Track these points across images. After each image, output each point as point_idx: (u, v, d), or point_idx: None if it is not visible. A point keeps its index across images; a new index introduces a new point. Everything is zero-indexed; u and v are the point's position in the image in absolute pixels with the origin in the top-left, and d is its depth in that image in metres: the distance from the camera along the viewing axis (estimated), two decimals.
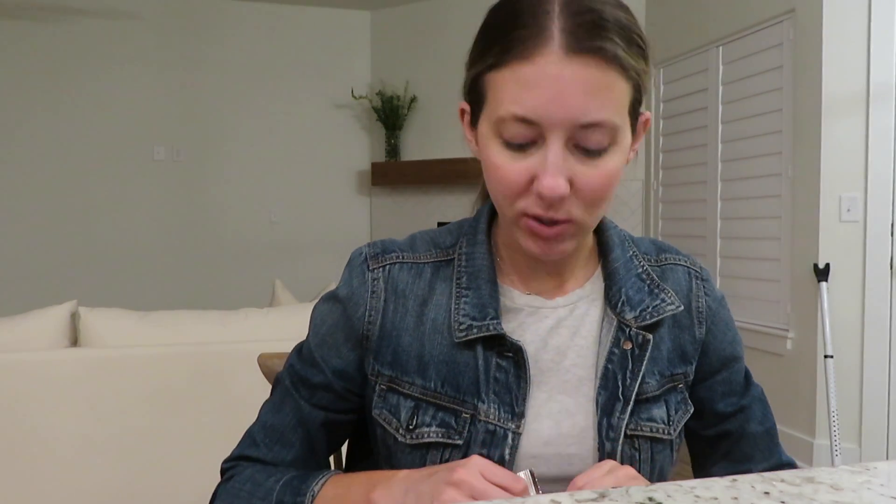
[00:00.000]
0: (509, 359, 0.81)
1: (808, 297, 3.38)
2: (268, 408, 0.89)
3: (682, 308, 0.87)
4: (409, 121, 5.87)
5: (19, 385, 2.13)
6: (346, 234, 6.11)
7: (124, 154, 5.69)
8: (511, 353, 0.81)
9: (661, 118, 4.61)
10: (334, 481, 0.81)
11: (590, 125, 0.72)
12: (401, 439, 0.82)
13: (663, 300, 0.86)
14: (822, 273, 3.25)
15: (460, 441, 0.80)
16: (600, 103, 0.71)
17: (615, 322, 0.84)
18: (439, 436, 0.81)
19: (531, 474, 0.72)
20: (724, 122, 4.01)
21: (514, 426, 0.80)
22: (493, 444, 0.80)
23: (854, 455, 3.25)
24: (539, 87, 0.71)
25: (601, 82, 0.71)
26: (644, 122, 0.80)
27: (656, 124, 4.65)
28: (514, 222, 0.78)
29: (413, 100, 5.81)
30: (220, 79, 5.87)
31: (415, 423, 0.81)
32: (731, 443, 0.92)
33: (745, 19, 3.82)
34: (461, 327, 0.82)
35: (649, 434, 0.83)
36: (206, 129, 5.87)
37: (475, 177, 0.91)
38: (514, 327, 0.84)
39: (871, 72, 3.22)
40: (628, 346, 0.83)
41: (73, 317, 2.30)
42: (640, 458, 0.83)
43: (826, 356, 3.16)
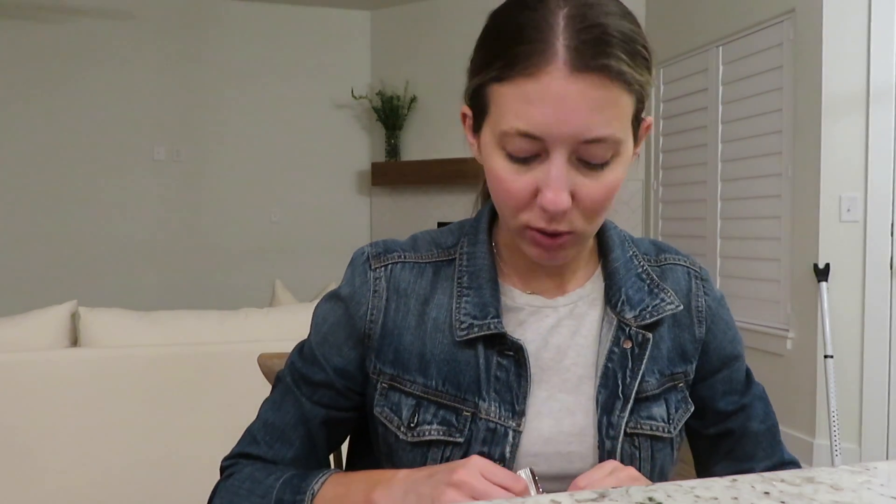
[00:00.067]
0: (510, 357, 0.82)
1: (808, 297, 3.38)
2: (268, 406, 0.89)
3: (681, 308, 0.87)
4: (409, 121, 5.87)
5: (19, 385, 2.13)
6: (346, 234, 6.11)
7: (124, 154, 5.69)
8: (512, 352, 0.82)
9: (661, 118, 4.61)
10: (334, 480, 0.81)
11: (593, 140, 0.72)
12: (402, 437, 0.82)
13: (663, 300, 0.87)
14: (822, 273, 3.25)
15: (461, 439, 0.81)
16: (604, 119, 0.71)
17: (615, 321, 0.85)
18: (440, 434, 0.81)
19: (531, 473, 0.72)
20: (724, 122, 4.01)
21: (514, 424, 0.81)
22: (493, 442, 0.80)
23: (854, 455, 3.25)
24: (543, 104, 0.71)
25: (605, 99, 0.71)
26: (646, 128, 0.80)
27: (656, 124, 4.65)
28: (518, 233, 0.79)
29: (413, 100, 5.81)
30: (220, 79, 5.87)
31: (416, 421, 0.82)
32: (732, 441, 0.92)
33: (745, 19, 3.82)
34: (462, 326, 0.82)
35: (649, 432, 0.84)
36: (206, 129, 5.87)
37: (475, 177, 0.91)
38: (515, 326, 0.84)
39: (871, 72, 3.22)
40: (628, 345, 0.84)
41: (73, 317, 2.30)
42: (640, 456, 0.83)
43: (826, 356, 3.16)
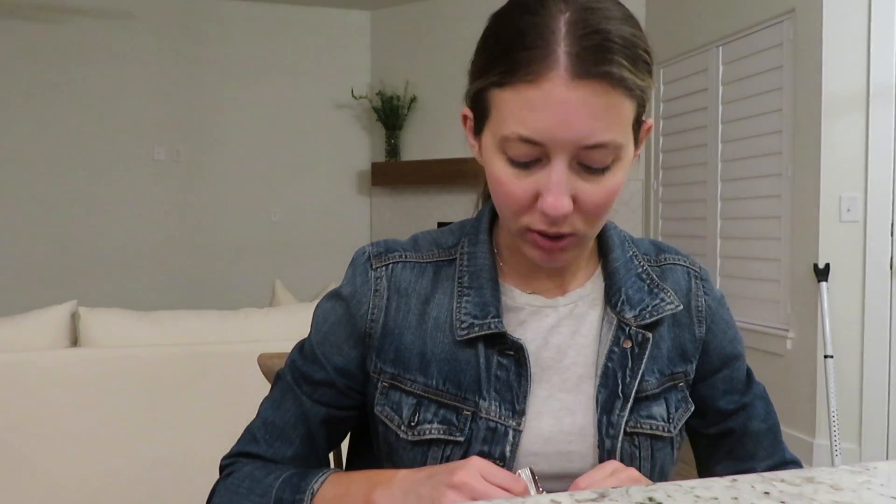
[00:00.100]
0: (510, 357, 0.82)
1: (808, 297, 3.38)
2: (268, 404, 0.90)
3: (681, 307, 0.88)
4: (409, 121, 5.87)
5: (19, 385, 2.13)
6: (346, 234, 6.11)
7: (124, 154, 5.69)
8: (512, 352, 0.82)
9: (661, 118, 4.61)
10: (334, 480, 0.81)
11: (594, 146, 0.72)
12: (402, 436, 0.82)
13: (663, 300, 0.87)
14: (822, 273, 3.25)
15: (461, 438, 0.81)
16: (605, 125, 0.72)
17: (615, 321, 0.85)
18: (441, 433, 0.81)
19: (531, 472, 0.72)
20: (724, 122, 4.00)
21: (514, 423, 0.81)
22: (493, 441, 0.81)
23: (854, 455, 3.25)
24: (544, 111, 0.71)
25: (606, 105, 0.71)
26: (646, 130, 0.80)
27: (656, 124, 4.65)
28: (519, 235, 0.79)
29: (413, 100, 5.80)
30: (220, 79, 5.87)
31: (416, 419, 0.82)
32: (734, 441, 0.92)
33: (745, 19, 3.82)
34: (463, 325, 0.82)
35: (649, 431, 0.84)
36: (206, 129, 5.87)
37: (475, 177, 0.91)
38: (515, 326, 0.85)
39: (871, 72, 3.21)
40: (628, 344, 0.84)
41: (73, 317, 2.30)
42: (640, 455, 0.84)
43: (826, 356, 3.16)
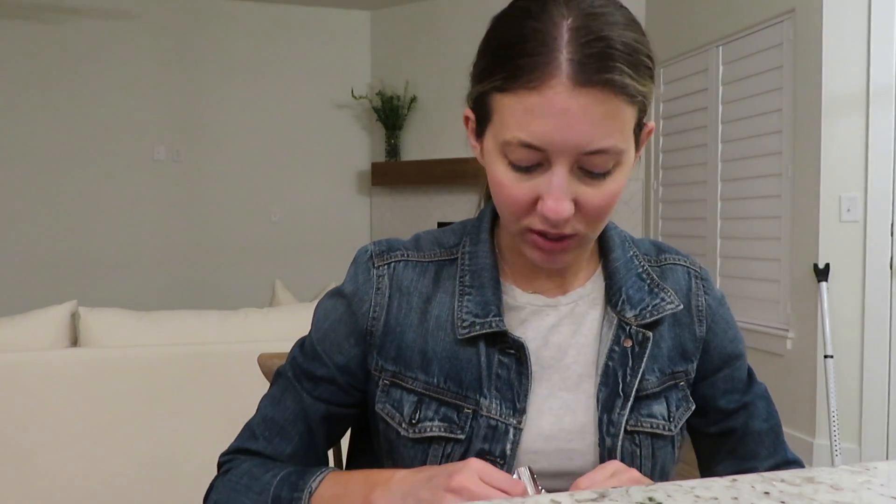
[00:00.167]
0: (511, 355, 0.82)
1: (808, 297, 3.38)
2: (267, 401, 0.90)
3: (681, 307, 0.88)
4: (409, 121, 5.87)
5: (19, 385, 2.13)
6: (346, 234, 6.11)
7: (124, 154, 5.69)
8: (513, 350, 0.82)
9: (661, 118, 4.61)
10: (332, 479, 0.81)
11: (595, 152, 0.73)
12: (403, 433, 0.83)
13: (663, 299, 0.87)
14: (822, 273, 3.25)
15: (462, 436, 0.81)
16: (606, 131, 0.72)
17: (615, 320, 0.85)
18: (441, 430, 0.82)
19: (530, 471, 0.72)
20: (724, 122, 4.00)
21: (515, 422, 0.81)
22: (494, 439, 0.81)
23: (854, 455, 3.25)
24: (546, 118, 0.71)
25: (608, 112, 0.71)
26: (647, 132, 0.81)
27: (656, 124, 4.64)
28: (520, 236, 0.80)
29: (413, 100, 5.80)
30: (220, 79, 5.87)
31: (417, 417, 0.83)
32: (735, 440, 0.92)
33: (745, 19, 3.82)
34: (464, 324, 0.83)
35: (649, 430, 0.84)
36: (206, 129, 5.87)
37: (475, 177, 0.91)
38: (516, 325, 0.85)
39: (871, 72, 3.21)
40: (628, 343, 0.84)
41: (73, 317, 2.30)
42: (640, 453, 0.84)
43: (826, 356, 3.16)
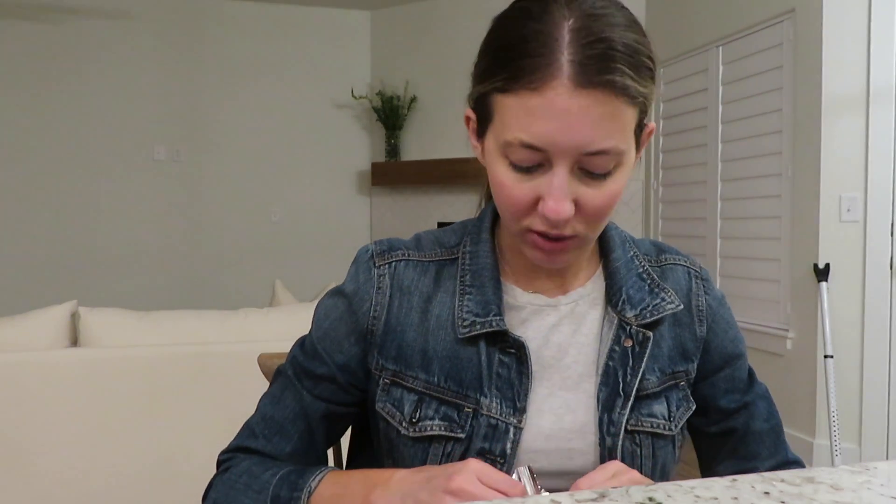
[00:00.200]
0: (512, 355, 0.83)
1: (808, 297, 3.38)
2: (267, 400, 0.90)
3: (681, 307, 0.88)
4: (409, 121, 5.87)
5: (19, 385, 2.13)
6: (346, 234, 6.11)
7: (124, 154, 5.69)
8: (513, 350, 0.83)
9: (662, 118, 4.61)
10: (331, 478, 0.81)
11: (596, 153, 0.73)
12: (403, 432, 0.83)
13: (663, 299, 0.87)
14: (822, 273, 3.25)
15: (462, 435, 0.82)
16: (607, 132, 0.72)
17: (616, 320, 0.85)
18: (442, 429, 0.82)
19: (529, 471, 0.72)
20: (724, 122, 4.00)
21: (515, 421, 0.81)
22: (494, 437, 0.81)
23: (854, 455, 3.25)
24: (547, 118, 0.71)
25: (609, 113, 0.72)
26: (648, 133, 0.81)
27: (656, 124, 4.64)
28: (520, 236, 0.80)
29: (413, 100, 5.80)
30: (220, 79, 5.87)
31: (418, 416, 0.83)
32: (736, 440, 0.93)
33: (745, 19, 3.82)
34: (465, 323, 0.83)
35: (650, 429, 0.84)
36: (206, 129, 5.87)
37: (475, 177, 0.91)
38: (517, 324, 0.85)
39: (871, 72, 3.21)
40: (629, 343, 0.85)
41: (73, 317, 2.30)
42: (641, 453, 0.84)
43: (826, 356, 3.16)
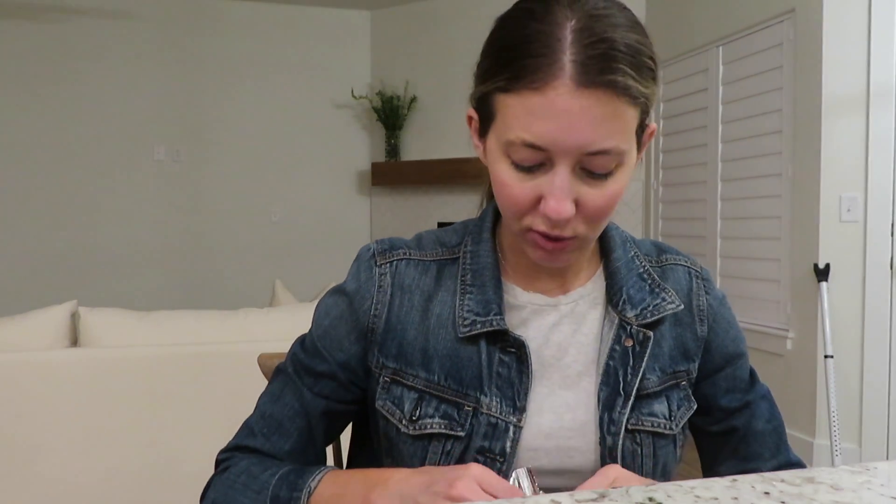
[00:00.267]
0: (512, 354, 0.83)
1: (808, 297, 3.38)
2: (266, 398, 0.90)
3: (682, 307, 0.88)
4: (409, 121, 5.87)
5: (19, 385, 2.13)
6: (346, 234, 6.11)
7: (124, 154, 5.69)
8: (514, 349, 0.83)
9: (662, 118, 4.60)
10: (331, 478, 0.81)
11: (597, 153, 0.73)
12: (403, 430, 0.83)
13: (664, 299, 0.87)
14: (822, 273, 3.25)
15: (462, 433, 0.82)
16: (608, 132, 0.72)
17: (616, 320, 0.85)
18: (442, 427, 0.82)
19: (528, 472, 0.72)
20: (725, 122, 4.00)
21: (515, 420, 0.82)
22: (494, 436, 0.81)
23: (854, 455, 3.25)
24: (549, 118, 0.71)
25: (611, 114, 0.72)
26: (649, 134, 0.81)
27: (656, 124, 4.64)
28: (521, 235, 0.80)
29: (413, 100, 5.80)
30: (220, 79, 5.87)
31: (418, 414, 0.83)
32: (737, 440, 0.93)
33: (745, 19, 3.82)
34: (465, 322, 0.83)
35: (650, 429, 0.85)
36: (206, 129, 5.87)
37: (475, 177, 0.92)
38: (517, 324, 0.86)
39: (871, 72, 3.21)
40: (629, 343, 0.85)
41: (73, 317, 2.30)
42: (642, 452, 0.84)
43: (826, 356, 3.16)
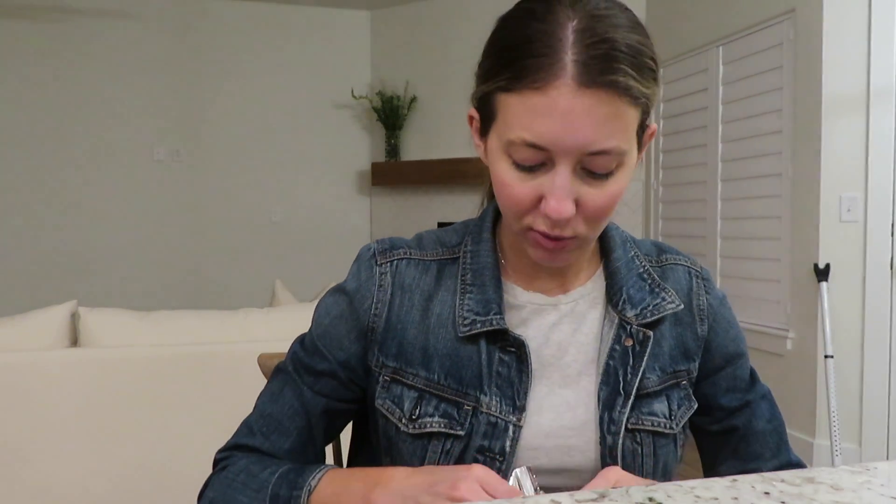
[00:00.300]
0: (512, 353, 0.83)
1: (808, 297, 3.37)
2: (265, 397, 0.90)
3: (682, 307, 0.88)
4: (409, 121, 5.86)
5: (19, 385, 2.13)
6: (346, 234, 6.11)
7: (124, 154, 5.69)
8: (514, 348, 0.83)
9: (662, 118, 4.60)
10: (330, 477, 0.81)
11: (598, 153, 0.73)
12: (403, 429, 0.83)
13: (664, 299, 0.87)
14: (822, 273, 3.25)
15: (462, 432, 0.82)
16: (609, 132, 0.73)
17: (616, 319, 0.86)
18: (441, 426, 0.82)
19: (528, 470, 0.72)
20: (725, 122, 4.00)
21: (515, 419, 0.82)
22: (494, 435, 0.81)
23: (854, 455, 3.25)
24: (550, 118, 0.72)
25: (612, 114, 0.72)
26: (650, 134, 0.81)
27: (656, 124, 4.64)
28: (521, 234, 0.80)
29: (413, 100, 5.80)
30: (220, 79, 5.87)
31: (418, 413, 0.83)
32: (738, 439, 0.93)
33: (745, 19, 3.82)
34: (465, 322, 0.83)
35: (650, 428, 0.85)
36: (206, 128, 5.87)
37: (475, 177, 0.92)
38: (517, 323, 0.86)
39: (871, 72, 3.21)
40: (629, 342, 0.85)
41: (73, 317, 2.30)
42: (642, 451, 0.84)
43: (826, 356, 3.16)
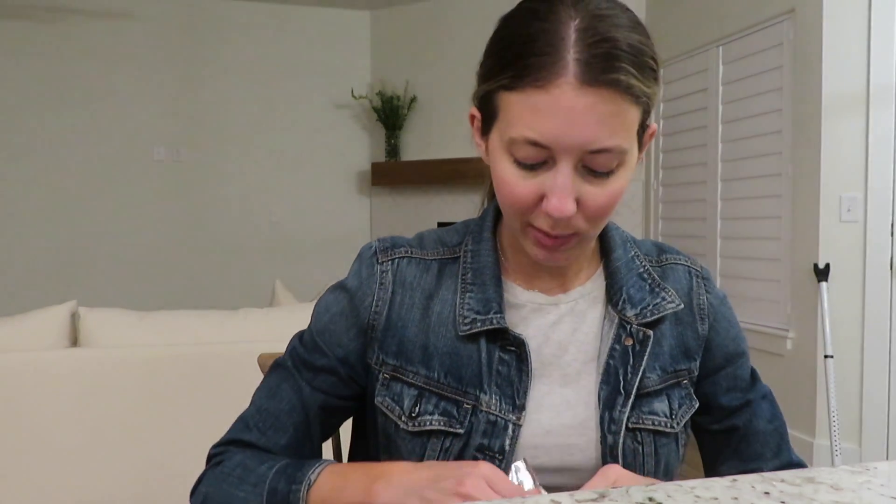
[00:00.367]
0: (512, 352, 0.83)
1: (808, 297, 3.38)
2: (262, 393, 0.90)
3: (682, 306, 0.89)
4: (409, 121, 5.86)
5: (19, 385, 2.13)
6: (346, 234, 6.11)
7: (124, 154, 5.69)
8: (514, 347, 0.83)
9: (662, 118, 4.60)
10: (330, 471, 0.81)
11: (599, 151, 0.74)
12: (402, 426, 0.83)
13: (664, 298, 0.88)
14: (822, 273, 3.25)
15: (461, 430, 0.82)
16: (610, 131, 0.73)
17: (616, 319, 0.86)
18: (441, 424, 0.82)
19: (525, 462, 0.73)
20: (724, 122, 4.00)
21: (514, 418, 0.82)
22: (493, 434, 0.82)
23: (854, 455, 3.25)
24: (552, 116, 0.72)
25: (613, 112, 0.73)
26: (650, 134, 0.82)
27: (657, 124, 4.64)
28: (522, 232, 0.81)
29: (413, 100, 5.80)
30: (220, 79, 5.87)
31: (417, 410, 0.83)
32: (738, 439, 0.93)
33: (745, 19, 3.82)
34: (465, 321, 0.84)
35: (651, 427, 0.85)
36: (206, 129, 5.87)
37: (475, 177, 0.92)
38: (517, 322, 0.86)
39: (871, 72, 3.21)
40: (629, 342, 0.85)
41: (73, 317, 2.30)
42: (643, 451, 0.84)
43: (826, 356, 3.16)
